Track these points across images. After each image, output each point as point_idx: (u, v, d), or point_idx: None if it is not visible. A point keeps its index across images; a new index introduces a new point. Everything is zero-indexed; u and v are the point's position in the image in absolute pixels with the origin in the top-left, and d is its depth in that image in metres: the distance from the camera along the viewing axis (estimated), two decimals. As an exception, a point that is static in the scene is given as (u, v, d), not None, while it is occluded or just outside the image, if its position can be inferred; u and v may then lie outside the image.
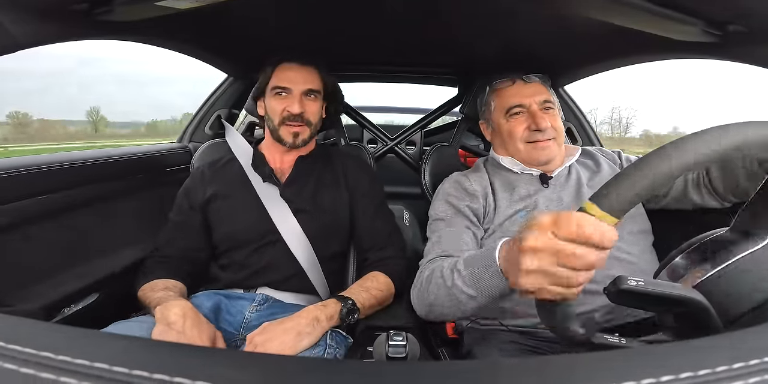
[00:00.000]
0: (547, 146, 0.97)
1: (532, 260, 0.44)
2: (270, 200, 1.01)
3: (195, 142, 1.56)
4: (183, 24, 0.95)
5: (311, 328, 0.77)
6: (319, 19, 1.03)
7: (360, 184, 1.09)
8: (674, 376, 0.20)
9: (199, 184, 1.05)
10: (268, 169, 1.05)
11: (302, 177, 1.06)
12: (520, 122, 0.99)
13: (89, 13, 0.75)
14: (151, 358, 0.23)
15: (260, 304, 0.95)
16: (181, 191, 1.07)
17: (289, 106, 1.01)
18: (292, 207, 1.01)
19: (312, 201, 1.03)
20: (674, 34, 0.78)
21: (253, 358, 0.29)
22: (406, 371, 0.24)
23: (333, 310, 0.82)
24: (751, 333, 0.28)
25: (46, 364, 0.21)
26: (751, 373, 0.21)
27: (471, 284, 0.68)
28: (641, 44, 0.96)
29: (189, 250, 1.02)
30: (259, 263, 0.99)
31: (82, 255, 1.05)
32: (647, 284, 0.42)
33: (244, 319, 0.92)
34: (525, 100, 0.99)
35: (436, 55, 1.41)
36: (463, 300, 0.70)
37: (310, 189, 1.05)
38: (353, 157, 1.18)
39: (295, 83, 1.02)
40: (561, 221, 0.42)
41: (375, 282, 0.95)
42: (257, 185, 1.03)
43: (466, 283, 0.69)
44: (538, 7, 0.87)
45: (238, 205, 1.02)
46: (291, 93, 1.02)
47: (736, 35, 0.71)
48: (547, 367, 0.24)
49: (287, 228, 0.99)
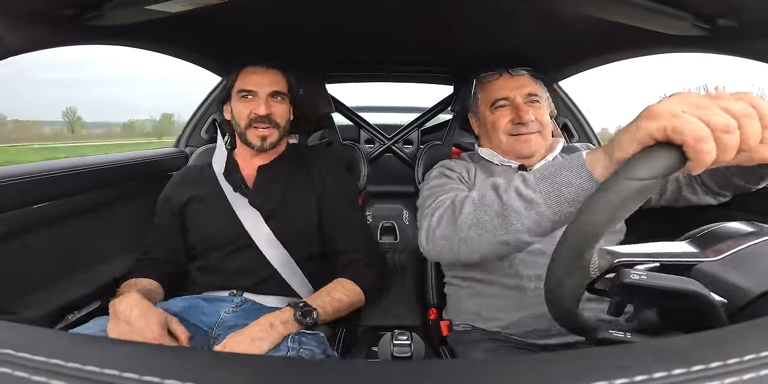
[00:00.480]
0: (530, 139, 0.98)
1: (734, 104, 0.41)
2: (241, 207, 1.03)
3: (191, 147, 1.56)
4: (176, 27, 0.94)
5: (265, 333, 0.78)
6: (314, 21, 1.03)
7: (331, 186, 1.09)
8: (667, 372, 0.20)
9: (177, 189, 1.07)
10: (238, 178, 1.06)
11: (268, 183, 1.06)
12: (504, 115, 1.00)
13: (79, 18, 0.75)
14: (161, 364, 0.23)
15: (237, 306, 0.95)
16: (161, 196, 1.09)
17: (255, 109, 1.01)
18: (262, 213, 1.02)
19: (281, 206, 1.04)
20: (665, 29, 0.79)
21: (260, 361, 0.29)
22: (412, 370, 0.25)
23: (287, 315, 0.83)
24: (748, 327, 0.27)
25: (57, 371, 0.21)
26: (744, 369, 0.21)
27: (538, 186, 0.55)
28: (633, 39, 0.97)
29: (174, 252, 1.06)
30: (233, 266, 1.00)
31: (84, 261, 1.05)
32: (651, 278, 0.42)
33: (219, 318, 0.92)
34: (509, 92, 1.00)
35: (431, 54, 1.41)
36: (519, 209, 0.56)
37: (278, 194, 1.05)
38: (327, 158, 1.17)
39: (260, 85, 1.02)
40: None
41: (340, 287, 0.97)
42: (228, 193, 1.05)
43: (530, 185, 0.56)
44: (532, 4, 0.87)
45: (212, 210, 1.04)
46: (257, 95, 1.02)
47: (726, 29, 0.72)
48: (550, 363, 0.24)
49: (259, 233, 1.01)
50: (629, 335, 0.46)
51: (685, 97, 0.42)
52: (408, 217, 1.50)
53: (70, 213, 1.02)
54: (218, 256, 1.01)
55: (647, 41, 0.95)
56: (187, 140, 1.59)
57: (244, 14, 0.96)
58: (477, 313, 0.92)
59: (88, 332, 0.78)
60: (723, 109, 0.41)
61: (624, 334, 0.47)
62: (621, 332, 0.47)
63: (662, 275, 0.43)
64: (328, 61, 1.50)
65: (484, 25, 1.03)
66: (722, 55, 0.81)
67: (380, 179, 1.59)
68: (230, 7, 0.77)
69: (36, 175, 0.93)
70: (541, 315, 0.81)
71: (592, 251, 0.44)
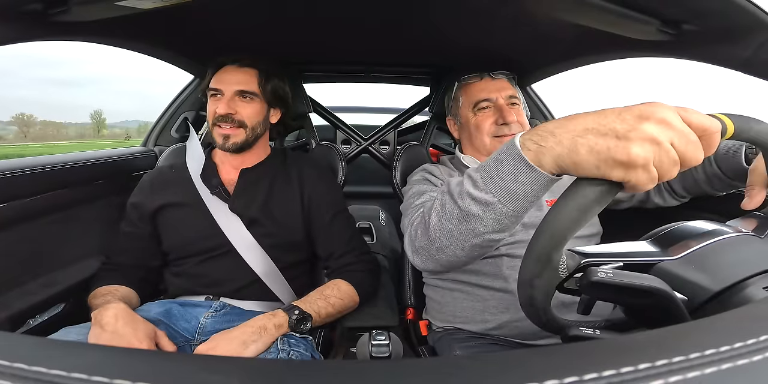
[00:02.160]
0: None
1: (657, 129, 0.39)
2: (220, 212, 0.99)
3: (160, 146, 1.51)
4: (146, 24, 0.92)
5: (257, 336, 0.77)
6: (290, 19, 1.02)
7: (317, 190, 1.06)
8: (633, 367, 0.21)
9: (147, 195, 1.02)
10: (216, 181, 1.01)
11: (250, 189, 1.03)
12: (488, 116, 1.01)
13: (44, 13, 0.71)
14: (132, 367, 0.22)
15: (216, 311, 0.93)
16: (129, 202, 1.04)
17: (218, 107, 0.98)
18: (243, 219, 0.99)
19: (263, 212, 1.00)
20: (633, 34, 0.82)
21: (238, 363, 0.28)
22: (390, 369, 0.25)
23: (281, 319, 0.82)
24: (708, 323, 0.29)
25: (21, 375, 0.20)
26: (705, 363, 0.21)
27: (486, 186, 0.53)
28: (603, 44, 1.00)
29: (141, 259, 1.01)
30: (212, 273, 0.97)
31: (46, 264, 1.00)
32: (617, 276, 0.43)
33: (199, 324, 0.90)
34: (492, 94, 1.02)
35: (408, 56, 1.42)
36: (476, 212, 0.55)
37: (260, 200, 1.01)
38: (310, 163, 1.14)
39: (226, 84, 0.99)
40: (691, 110, 0.41)
41: (336, 290, 0.93)
42: (206, 197, 1.00)
43: (479, 187, 0.54)
44: (507, 7, 0.89)
45: (188, 216, 0.99)
46: (223, 94, 0.99)
47: (690, 34, 0.75)
48: (523, 359, 0.25)
49: (239, 240, 0.98)
50: (599, 332, 0.48)
51: (668, 118, 0.40)
52: (384, 218, 1.50)
53: (32, 214, 0.97)
54: (195, 262, 0.98)
55: (616, 46, 0.98)
56: (156, 139, 1.54)
57: (217, 11, 0.94)
58: (461, 315, 0.93)
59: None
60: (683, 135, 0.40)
61: (594, 331, 0.48)
62: (591, 329, 0.49)
63: (627, 273, 0.44)
64: (304, 60, 1.49)
65: (460, 27, 1.05)
66: (687, 59, 0.84)
67: (357, 180, 1.59)
68: (202, 4, 0.76)
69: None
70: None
71: (559, 253, 0.45)
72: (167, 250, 1.01)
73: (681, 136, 0.39)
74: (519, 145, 0.48)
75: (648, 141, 0.39)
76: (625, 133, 0.40)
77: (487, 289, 0.89)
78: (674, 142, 0.39)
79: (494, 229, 0.56)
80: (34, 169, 0.98)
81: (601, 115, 0.42)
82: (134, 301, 0.94)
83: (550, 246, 0.44)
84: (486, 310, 0.89)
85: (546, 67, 1.35)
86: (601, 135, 0.41)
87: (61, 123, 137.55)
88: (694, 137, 0.40)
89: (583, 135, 0.42)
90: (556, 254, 0.44)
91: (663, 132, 0.39)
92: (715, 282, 0.44)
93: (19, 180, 0.93)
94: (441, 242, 0.63)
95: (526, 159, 0.47)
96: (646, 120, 0.39)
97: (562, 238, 0.43)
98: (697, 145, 0.40)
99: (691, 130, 0.40)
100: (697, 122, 0.40)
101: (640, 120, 0.40)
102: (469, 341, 0.88)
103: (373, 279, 1.02)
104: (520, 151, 0.47)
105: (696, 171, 0.85)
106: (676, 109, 0.40)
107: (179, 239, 0.99)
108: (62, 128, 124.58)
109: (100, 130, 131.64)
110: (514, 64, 1.20)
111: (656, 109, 0.40)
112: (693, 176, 0.86)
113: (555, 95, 43.61)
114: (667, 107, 0.40)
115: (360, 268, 1.01)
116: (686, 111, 0.40)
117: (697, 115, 0.40)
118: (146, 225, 1.01)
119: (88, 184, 1.16)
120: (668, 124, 0.39)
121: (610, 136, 0.40)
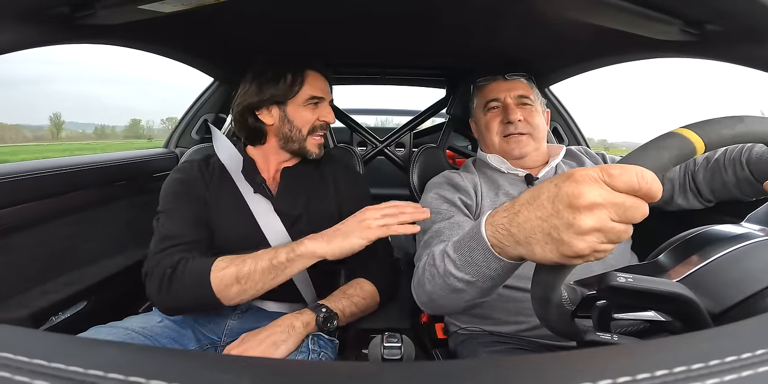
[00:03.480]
0: (520, 140, 0.99)
1: (591, 218, 0.39)
2: (261, 212, 0.96)
3: (181, 147, 1.55)
4: (168, 28, 0.94)
5: (286, 335, 0.76)
6: (306, 23, 1.03)
7: (349, 191, 1.06)
8: (650, 373, 0.20)
9: (199, 179, 0.96)
10: (259, 179, 0.99)
11: (294, 188, 1.01)
12: (496, 116, 1.03)
13: (71, 16, 0.73)
14: (147, 364, 0.23)
15: (243, 312, 0.93)
16: (175, 185, 0.95)
17: (323, 116, 0.99)
18: (285, 218, 0.97)
19: (305, 213, 0.99)
20: (654, 34, 0.80)
21: (251, 362, 0.29)
22: (403, 371, 0.24)
23: (309, 318, 0.81)
24: (730, 330, 0.27)
25: (40, 371, 0.21)
26: (725, 370, 0.21)
27: (464, 269, 0.58)
28: (622, 44, 0.98)
29: (207, 242, 0.92)
30: None
31: (69, 263, 1.03)
32: (636, 280, 0.42)
33: (226, 325, 0.91)
34: (500, 94, 1.03)
35: (424, 58, 1.42)
36: (461, 287, 0.61)
37: (303, 200, 1.00)
38: (342, 163, 1.14)
39: (326, 93, 1.00)
40: (617, 171, 0.38)
41: (359, 289, 0.92)
42: (247, 195, 0.97)
43: (459, 268, 0.59)
44: (523, 9, 0.88)
45: (228, 215, 0.96)
46: (323, 102, 1.00)
47: (714, 34, 0.73)
48: (537, 364, 0.25)
49: (276, 239, 0.95)
50: (616, 337, 0.47)
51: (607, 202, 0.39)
52: None
53: (56, 213, 1.01)
54: None
55: (636, 46, 0.96)
56: (177, 141, 1.57)
57: (237, 16, 0.96)
58: (492, 317, 0.91)
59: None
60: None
61: (611, 336, 0.47)
62: (608, 334, 0.48)
63: (648, 278, 0.43)
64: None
65: (476, 29, 1.04)
66: (710, 60, 0.82)
67: (372, 182, 1.60)
68: (221, 9, 0.77)
69: (20, 175, 0.91)
70: None
71: (557, 294, 0.46)
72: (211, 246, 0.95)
73: (616, 209, 0.39)
74: (486, 239, 0.51)
75: (587, 232, 0.39)
76: (565, 230, 0.40)
77: (522, 291, 0.87)
78: (613, 218, 0.39)
79: (480, 296, 0.62)
80: (59, 169, 1.01)
81: (539, 207, 0.43)
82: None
83: (546, 292, 0.46)
84: (520, 312, 0.87)
85: (564, 69, 1.34)
86: (547, 234, 0.42)
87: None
88: (630, 201, 0.38)
89: (533, 234, 0.43)
90: (554, 295, 0.46)
91: (598, 217, 0.39)
92: (738, 291, 0.43)
93: (45, 180, 0.96)
94: (438, 303, 0.69)
95: (493, 252, 0.51)
96: (577, 211, 0.39)
97: (552, 288, 0.46)
98: (636, 207, 0.39)
99: (623, 196, 0.39)
100: (625, 185, 0.38)
101: (573, 212, 0.39)
102: (496, 346, 0.87)
103: (394, 280, 1.01)
104: (488, 245, 0.51)
105: (725, 173, 0.82)
106: (599, 176, 0.39)
107: (221, 237, 0.94)
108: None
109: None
110: (530, 65, 1.19)
111: (581, 190, 0.39)
112: (722, 178, 0.83)
113: (576, 95, 43.18)
114: (590, 182, 0.39)
115: (383, 269, 1.00)
116: (610, 176, 0.38)
117: (622, 177, 0.38)
118: (203, 207, 0.94)
119: (110, 185, 1.20)
120: (598, 205, 0.38)
121: (555, 235, 0.41)
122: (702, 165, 0.88)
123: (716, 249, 0.47)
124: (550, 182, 0.42)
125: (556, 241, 0.41)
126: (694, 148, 0.41)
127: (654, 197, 0.39)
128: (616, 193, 0.39)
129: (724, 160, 0.83)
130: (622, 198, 0.38)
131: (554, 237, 0.41)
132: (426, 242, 0.84)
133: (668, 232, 0.56)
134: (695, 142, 0.41)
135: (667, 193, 0.94)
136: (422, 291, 0.72)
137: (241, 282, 0.77)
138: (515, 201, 0.47)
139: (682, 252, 0.50)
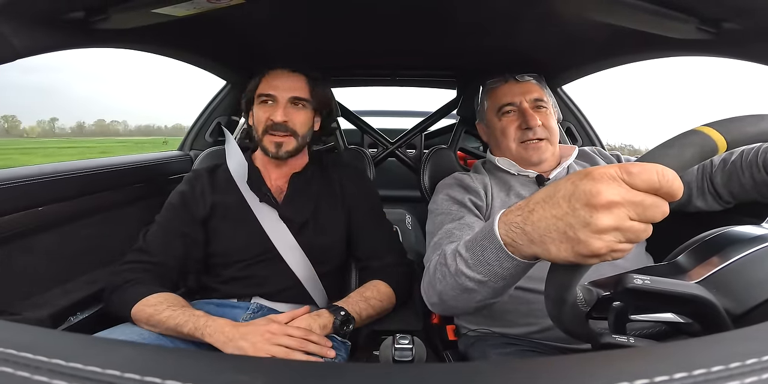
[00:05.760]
0: (539, 146, 0.96)
1: (609, 217, 0.38)
2: (268, 220, 0.98)
3: (196, 150, 1.57)
4: (181, 31, 0.95)
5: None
6: (318, 25, 1.04)
7: (357, 195, 1.06)
8: (668, 376, 0.20)
9: (198, 194, 0.99)
10: (265, 189, 1.00)
11: (300, 195, 1.01)
12: (512, 121, 0.99)
13: (85, 21, 0.75)
14: (163, 365, 0.23)
15: (254, 313, 0.93)
16: (176, 197, 0.99)
17: (272, 115, 0.96)
18: (291, 226, 0.98)
19: (312, 219, 1.00)
20: (670, 32, 0.79)
21: (262, 363, 0.29)
22: (414, 373, 0.24)
23: (326, 320, 0.82)
24: (752, 331, 0.27)
25: (58, 371, 0.21)
26: (746, 372, 0.20)
27: (476, 268, 0.57)
28: (637, 43, 0.97)
29: (187, 260, 0.96)
30: (254, 277, 0.97)
31: (88, 263, 1.05)
32: (654, 282, 0.42)
33: None
34: (516, 98, 0.99)
35: (435, 59, 1.42)
36: (472, 287, 0.59)
37: (310, 207, 1.01)
38: (349, 167, 1.15)
39: (280, 90, 0.97)
40: (636, 170, 0.38)
41: (375, 292, 0.93)
42: (254, 204, 0.98)
43: (470, 267, 0.58)
44: (536, 8, 0.87)
45: (235, 223, 0.97)
46: (276, 101, 0.97)
47: (731, 32, 0.72)
48: (551, 367, 0.24)
49: (286, 246, 0.97)
50: (632, 340, 0.46)
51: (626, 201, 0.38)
52: (411, 222, 1.49)
53: (74, 215, 1.03)
54: (238, 268, 0.96)
55: (651, 45, 0.95)
56: (192, 143, 1.60)
57: (249, 19, 0.97)
58: (502, 318, 0.90)
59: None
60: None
61: (627, 338, 0.46)
62: (625, 337, 0.47)
63: (665, 280, 0.43)
64: (332, 65, 1.51)
65: (488, 29, 1.04)
66: (726, 58, 0.81)
67: (383, 183, 1.60)
68: (233, 12, 0.78)
69: (40, 178, 0.93)
70: None
71: (572, 294, 0.46)
72: (211, 254, 0.98)
73: (635, 208, 0.38)
74: (499, 237, 0.50)
75: (604, 231, 0.39)
76: (582, 229, 0.39)
77: (534, 293, 0.86)
78: (632, 216, 0.38)
79: (492, 297, 0.61)
80: (78, 172, 1.03)
81: (555, 205, 0.42)
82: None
83: (560, 293, 0.45)
84: (530, 313, 0.86)
85: (577, 68, 1.32)
86: (562, 233, 0.41)
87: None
88: (650, 200, 0.38)
89: (548, 233, 0.43)
90: (569, 296, 0.45)
91: (616, 216, 0.38)
92: (762, 291, 0.42)
93: (65, 182, 0.98)
94: (449, 303, 0.68)
95: (507, 251, 0.50)
96: (594, 210, 0.38)
97: (566, 289, 0.45)
98: (656, 206, 0.38)
99: (642, 195, 0.38)
100: (644, 184, 0.37)
101: (590, 210, 0.39)
102: (506, 347, 0.86)
103: (409, 282, 1.01)
104: (501, 244, 0.50)
105: (743, 176, 0.80)
106: (617, 174, 0.38)
107: (225, 247, 0.97)
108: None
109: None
110: (542, 65, 1.17)
111: (599, 189, 0.38)
112: (740, 181, 0.81)
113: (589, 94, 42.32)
114: (608, 180, 0.38)
115: (399, 270, 1.00)
116: (630, 174, 0.38)
117: (642, 175, 0.37)
118: (198, 226, 0.97)
119: (129, 187, 1.22)
120: (617, 204, 0.38)
121: (571, 234, 0.40)
122: (719, 167, 0.87)
123: (737, 250, 0.46)
124: (567, 180, 0.41)
125: (571, 240, 0.40)
126: (716, 145, 0.40)
127: (675, 196, 0.38)
128: (635, 191, 0.38)
129: (741, 162, 0.81)
130: (641, 197, 0.38)
131: (570, 236, 0.40)
132: (436, 243, 0.83)
133: (685, 233, 0.55)
134: (717, 140, 0.40)
135: (684, 195, 0.92)
136: (433, 291, 0.71)
137: (150, 323, 0.81)
138: (530, 199, 0.46)
139: (702, 253, 0.49)
